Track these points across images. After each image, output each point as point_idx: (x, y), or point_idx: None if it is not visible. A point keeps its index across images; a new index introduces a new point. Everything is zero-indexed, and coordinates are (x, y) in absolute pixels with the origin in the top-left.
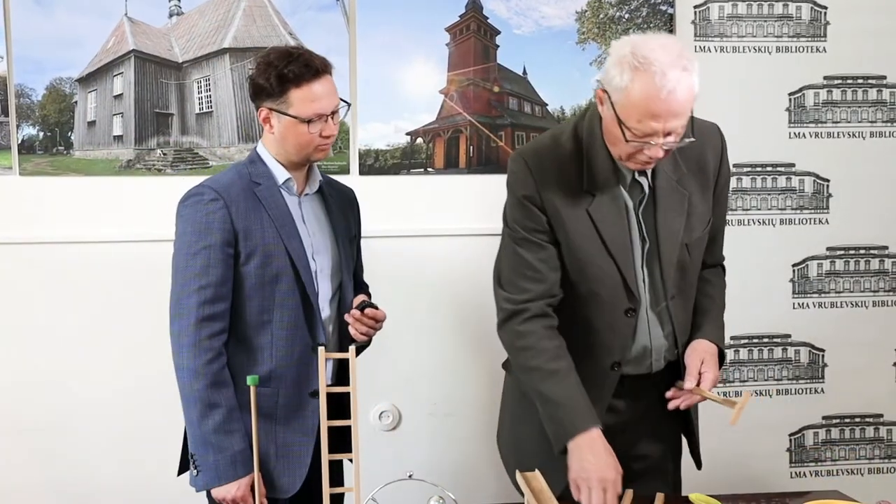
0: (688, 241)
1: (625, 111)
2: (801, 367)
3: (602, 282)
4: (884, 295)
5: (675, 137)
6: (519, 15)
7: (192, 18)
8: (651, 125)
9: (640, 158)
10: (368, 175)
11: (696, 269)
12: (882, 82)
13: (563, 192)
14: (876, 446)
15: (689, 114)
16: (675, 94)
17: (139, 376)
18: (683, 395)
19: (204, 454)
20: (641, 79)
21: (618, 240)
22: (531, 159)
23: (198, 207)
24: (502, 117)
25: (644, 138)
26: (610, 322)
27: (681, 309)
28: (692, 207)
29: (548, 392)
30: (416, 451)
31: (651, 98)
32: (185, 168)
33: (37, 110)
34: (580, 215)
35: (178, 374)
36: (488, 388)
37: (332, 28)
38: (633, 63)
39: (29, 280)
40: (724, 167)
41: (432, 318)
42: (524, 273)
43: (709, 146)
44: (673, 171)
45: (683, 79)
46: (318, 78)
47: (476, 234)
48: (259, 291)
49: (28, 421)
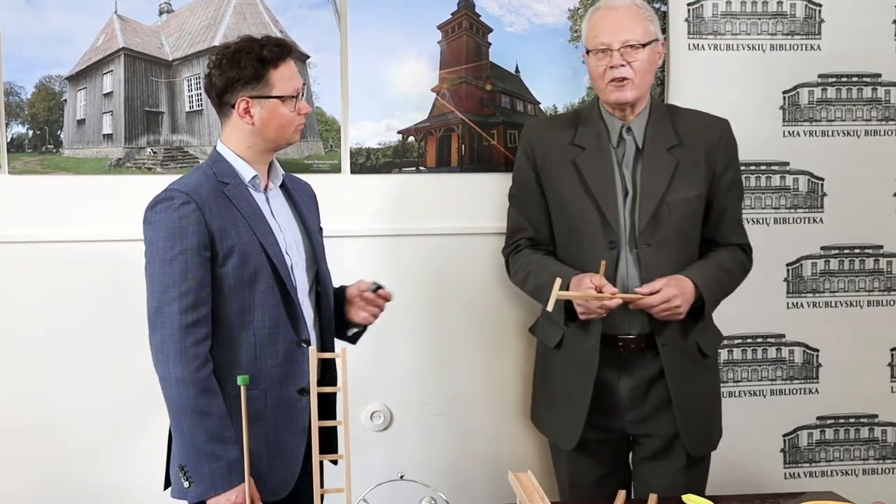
0: (670, 199)
1: (587, 39)
2: (795, 367)
3: (583, 218)
4: (878, 294)
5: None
6: (511, 12)
7: (182, 16)
8: (604, 36)
9: (609, 75)
10: (360, 174)
11: (676, 228)
12: (877, 80)
13: (555, 147)
14: (871, 447)
15: (640, 31)
16: (618, 10)
17: (128, 377)
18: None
19: (197, 464)
20: (594, 13)
21: (599, 184)
22: (532, 124)
23: (169, 213)
24: (494, 115)
25: (601, 53)
26: (596, 254)
27: (654, 259)
28: (679, 173)
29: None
30: (407, 452)
31: (599, 17)
32: (175, 167)
33: (26, 108)
34: (566, 165)
35: (164, 384)
36: (480, 388)
37: (323, 26)
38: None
39: (17, 280)
40: (723, 154)
41: (424, 317)
42: (512, 225)
43: (704, 130)
44: (666, 140)
45: (627, 4)
46: (291, 56)
47: (468, 233)
48: (238, 292)
49: (14, 421)
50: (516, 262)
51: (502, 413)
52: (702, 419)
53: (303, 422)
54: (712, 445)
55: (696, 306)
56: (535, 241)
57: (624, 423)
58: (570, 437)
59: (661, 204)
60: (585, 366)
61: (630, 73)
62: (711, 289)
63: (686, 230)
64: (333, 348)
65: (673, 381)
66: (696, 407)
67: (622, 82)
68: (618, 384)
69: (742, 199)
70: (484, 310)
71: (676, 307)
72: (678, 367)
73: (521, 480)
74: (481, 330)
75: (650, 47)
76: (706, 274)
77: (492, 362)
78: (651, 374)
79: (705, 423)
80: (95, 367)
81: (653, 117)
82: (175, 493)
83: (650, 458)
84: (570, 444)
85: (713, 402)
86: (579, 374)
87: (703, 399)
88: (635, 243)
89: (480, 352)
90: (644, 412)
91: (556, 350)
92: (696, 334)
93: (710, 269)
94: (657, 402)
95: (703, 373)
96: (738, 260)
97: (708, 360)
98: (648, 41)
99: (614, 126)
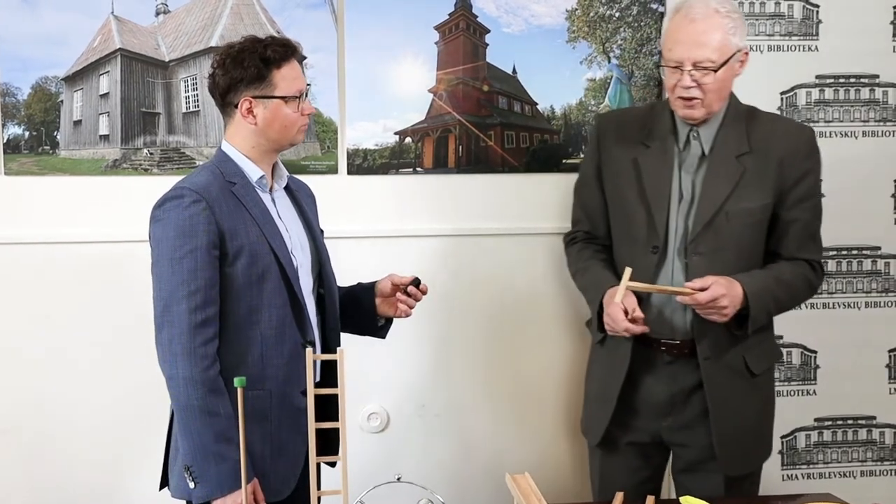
0: (730, 208)
1: (663, 46)
2: (793, 368)
3: (633, 219)
4: (876, 296)
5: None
6: (509, 13)
7: (179, 17)
8: (677, 52)
9: (678, 93)
10: (357, 175)
11: (734, 239)
12: (875, 81)
13: (621, 143)
14: (868, 449)
15: (715, 48)
16: (696, 23)
17: (125, 378)
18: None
19: (204, 465)
20: (673, 15)
21: (655, 187)
22: (602, 118)
23: (179, 211)
24: (492, 116)
25: (673, 69)
26: (639, 257)
27: (704, 269)
28: (745, 181)
29: (580, 280)
30: (405, 454)
31: (675, 26)
32: (171, 168)
33: (22, 109)
34: (627, 163)
35: (171, 383)
36: (478, 390)
37: (320, 26)
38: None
39: (14, 280)
40: (798, 163)
41: (421, 318)
42: (574, 217)
43: (781, 137)
44: (736, 146)
45: (707, 13)
46: (295, 56)
47: (465, 234)
48: (247, 291)
49: (10, 422)
50: (570, 254)
51: (500, 416)
52: (742, 438)
53: (306, 423)
54: (752, 466)
55: (744, 314)
56: (592, 235)
57: (661, 429)
58: (596, 433)
59: (720, 212)
60: (619, 365)
61: (699, 93)
62: (761, 297)
63: (746, 241)
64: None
65: (712, 396)
66: (735, 424)
67: (690, 101)
68: (656, 388)
69: (819, 215)
70: (484, 313)
71: (722, 308)
72: (718, 382)
73: (518, 482)
74: (479, 331)
75: (728, 64)
76: (758, 282)
77: (490, 365)
78: (693, 383)
79: (745, 443)
80: (92, 369)
81: (727, 121)
82: (177, 493)
83: (686, 471)
84: (594, 439)
85: (758, 422)
86: (613, 373)
87: (744, 417)
88: (685, 251)
89: (478, 353)
90: (682, 420)
91: (599, 346)
92: (744, 349)
93: (765, 279)
94: (696, 412)
95: (749, 390)
96: (801, 274)
97: (758, 379)
98: (726, 59)
99: (682, 128)
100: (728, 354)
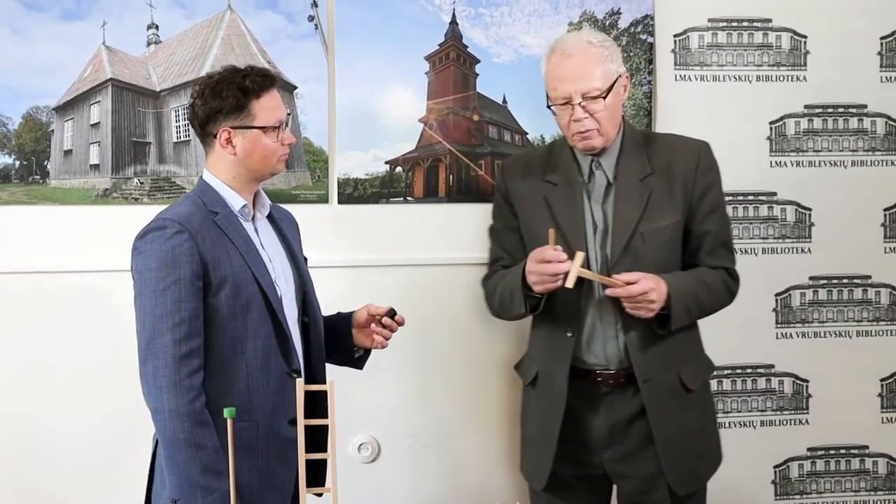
0: (643, 229)
1: (547, 87)
2: (785, 397)
3: None
4: (868, 325)
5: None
6: (498, 44)
7: (170, 47)
8: (563, 88)
9: (574, 129)
10: (347, 204)
11: (652, 259)
12: (863, 111)
13: (527, 183)
14: (862, 478)
15: (599, 76)
16: (574, 57)
17: (112, 407)
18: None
19: (191, 497)
20: (550, 56)
21: (569, 221)
22: (508, 161)
23: (161, 242)
24: (482, 146)
25: (563, 106)
26: (564, 291)
27: None
28: (653, 203)
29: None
30: (395, 484)
31: (555, 65)
32: (162, 197)
33: (13, 139)
34: (538, 201)
35: (157, 416)
36: (468, 420)
37: (310, 56)
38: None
39: (2, 310)
40: (700, 178)
41: (411, 347)
42: (491, 257)
43: (680, 156)
44: (639, 169)
45: (581, 46)
46: (274, 86)
47: (455, 263)
48: (231, 322)
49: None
50: (488, 284)
51: (490, 445)
52: (687, 457)
53: (294, 451)
54: (701, 481)
55: (665, 314)
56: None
57: (603, 461)
58: (541, 476)
59: (634, 235)
60: (555, 402)
61: (593, 124)
62: (682, 296)
63: (664, 261)
64: (324, 377)
65: (654, 419)
66: (680, 444)
67: (587, 133)
68: (595, 421)
69: (727, 223)
70: (473, 342)
71: (651, 302)
72: (660, 405)
73: None
74: (470, 362)
75: (614, 90)
76: (679, 281)
77: (480, 394)
78: (632, 412)
79: (691, 461)
80: (78, 398)
81: (626, 148)
82: None
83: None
84: (540, 483)
85: (700, 438)
86: (549, 412)
87: (688, 435)
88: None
89: (468, 383)
90: (623, 451)
91: (531, 387)
92: (678, 367)
93: (686, 279)
94: (637, 440)
95: (688, 408)
96: (720, 279)
97: (693, 394)
98: (610, 85)
99: (584, 160)
100: (664, 374)
